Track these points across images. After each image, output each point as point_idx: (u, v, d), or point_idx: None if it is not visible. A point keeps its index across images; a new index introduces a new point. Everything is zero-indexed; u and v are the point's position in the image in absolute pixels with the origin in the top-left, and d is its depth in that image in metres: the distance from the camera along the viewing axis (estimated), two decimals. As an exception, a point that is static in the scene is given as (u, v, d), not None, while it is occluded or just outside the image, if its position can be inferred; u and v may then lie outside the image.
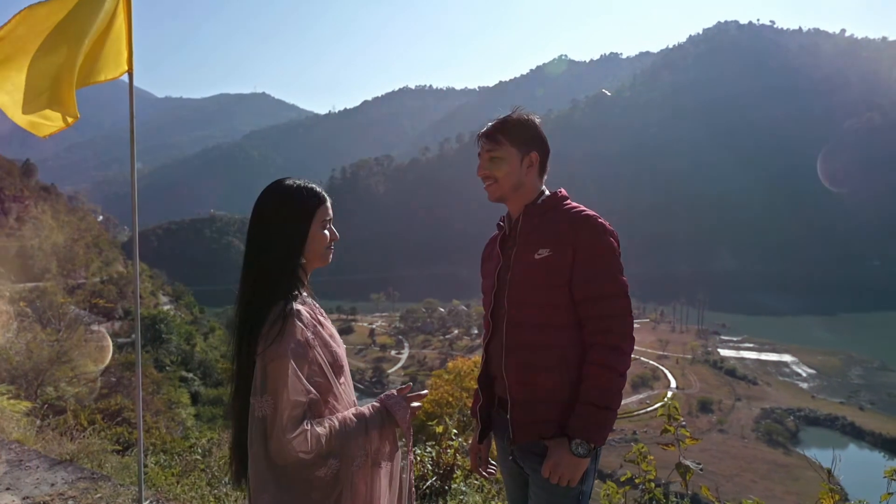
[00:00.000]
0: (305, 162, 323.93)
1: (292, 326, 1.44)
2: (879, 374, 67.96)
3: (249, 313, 1.48)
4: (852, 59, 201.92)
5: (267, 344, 1.42)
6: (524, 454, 1.83)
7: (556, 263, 1.77)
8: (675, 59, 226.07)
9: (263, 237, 1.53)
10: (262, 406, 1.41)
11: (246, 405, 1.46)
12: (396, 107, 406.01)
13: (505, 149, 1.89)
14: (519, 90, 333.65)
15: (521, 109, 1.96)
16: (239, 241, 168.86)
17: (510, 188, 1.90)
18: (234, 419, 1.54)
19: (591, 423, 1.71)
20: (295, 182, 1.59)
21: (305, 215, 1.56)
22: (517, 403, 1.81)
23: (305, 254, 1.56)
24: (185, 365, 28.21)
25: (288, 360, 1.41)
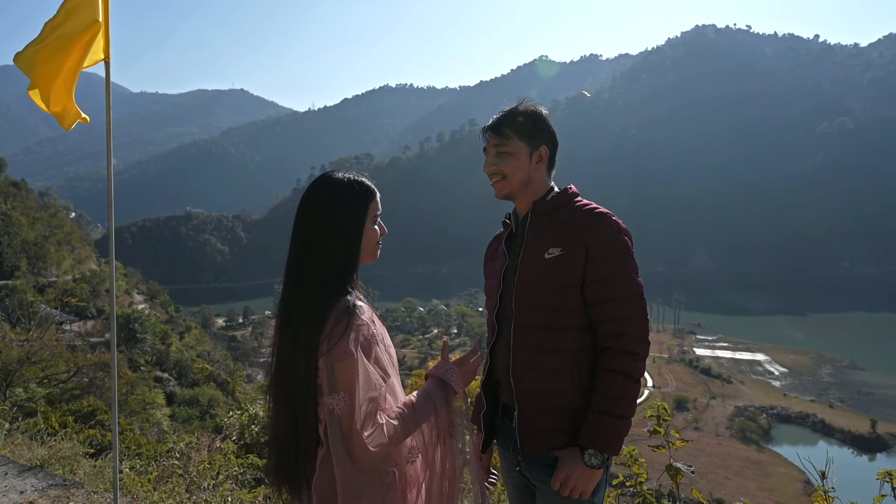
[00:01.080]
0: (285, 159, 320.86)
1: (357, 323, 1.40)
2: (849, 372, 69.53)
3: (307, 310, 1.42)
4: (826, 65, 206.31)
5: (332, 342, 1.38)
6: (532, 465, 1.74)
7: (567, 263, 1.70)
8: (654, 61, 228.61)
9: (318, 232, 1.47)
10: (337, 404, 1.38)
11: (293, 401, 1.41)
12: (377, 105, 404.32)
13: (513, 143, 1.80)
14: (500, 90, 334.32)
15: (528, 101, 1.86)
16: (216, 240, 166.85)
17: (519, 184, 1.81)
18: (283, 415, 1.45)
19: (605, 433, 1.63)
20: (346, 175, 1.54)
21: (361, 210, 1.51)
22: (525, 410, 1.73)
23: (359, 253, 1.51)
24: (160, 365, 27.72)
25: (357, 357, 1.37)
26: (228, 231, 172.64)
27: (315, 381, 1.40)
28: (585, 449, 1.64)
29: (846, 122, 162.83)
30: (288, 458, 1.44)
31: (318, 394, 1.41)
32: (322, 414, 1.41)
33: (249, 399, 17.25)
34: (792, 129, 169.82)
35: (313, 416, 1.41)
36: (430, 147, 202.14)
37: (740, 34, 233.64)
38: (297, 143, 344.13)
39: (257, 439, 4.50)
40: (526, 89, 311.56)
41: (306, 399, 1.40)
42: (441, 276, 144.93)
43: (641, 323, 1.69)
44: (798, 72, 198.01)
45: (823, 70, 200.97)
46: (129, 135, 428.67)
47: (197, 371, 29.08)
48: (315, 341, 1.39)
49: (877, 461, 42.52)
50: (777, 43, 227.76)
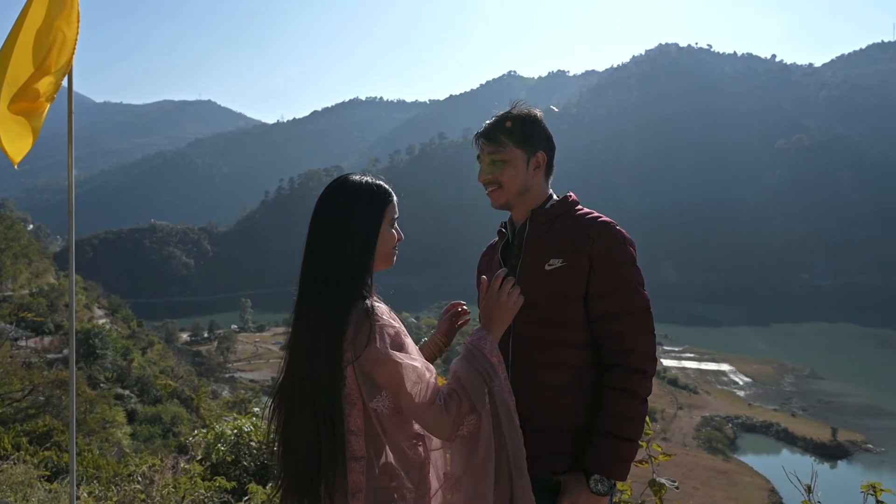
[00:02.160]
0: (253, 171, 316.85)
1: (380, 324, 1.37)
2: (809, 381, 71.36)
3: (324, 317, 1.38)
4: (783, 84, 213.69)
5: (359, 351, 1.35)
6: (532, 491, 1.59)
7: (570, 275, 1.60)
8: (620, 78, 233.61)
9: (334, 236, 1.43)
10: (385, 405, 1.36)
11: (313, 411, 1.37)
12: (347, 117, 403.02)
13: (509, 150, 1.71)
14: (469, 104, 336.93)
15: (522, 104, 1.77)
16: (181, 252, 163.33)
17: (516, 193, 1.72)
18: (300, 426, 1.40)
19: (612, 457, 1.53)
20: (363, 178, 1.50)
21: (377, 213, 1.47)
22: (524, 432, 1.56)
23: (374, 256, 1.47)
24: (122, 382, 26.86)
25: (393, 358, 1.34)
26: (194, 244, 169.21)
27: (339, 391, 1.37)
28: (591, 474, 1.54)
29: (803, 138, 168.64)
30: (308, 469, 1.39)
31: (348, 404, 1.38)
32: (356, 424, 1.37)
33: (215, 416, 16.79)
34: (752, 145, 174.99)
35: (339, 426, 1.37)
36: (401, 160, 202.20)
37: (702, 53, 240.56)
38: (266, 155, 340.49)
39: (224, 459, 4.35)
40: (495, 104, 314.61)
41: (328, 409, 1.36)
42: (411, 288, 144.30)
43: (649, 338, 1.60)
44: (757, 90, 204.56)
45: (781, 89, 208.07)
46: (92, 145, 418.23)
47: (160, 387, 28.26)
48: (336, 349, 1.36)
49: (838, 469, 43.62)
50: (736, 62, 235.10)
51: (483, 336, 1.51)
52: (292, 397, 1.43)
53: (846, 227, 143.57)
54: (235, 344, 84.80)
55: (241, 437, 4.56)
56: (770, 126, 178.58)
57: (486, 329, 1.54)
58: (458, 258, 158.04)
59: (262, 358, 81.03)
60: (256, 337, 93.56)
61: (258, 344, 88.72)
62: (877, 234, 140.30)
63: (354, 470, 1.38)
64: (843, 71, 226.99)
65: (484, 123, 1.79)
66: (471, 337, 1.55)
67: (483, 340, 1.49)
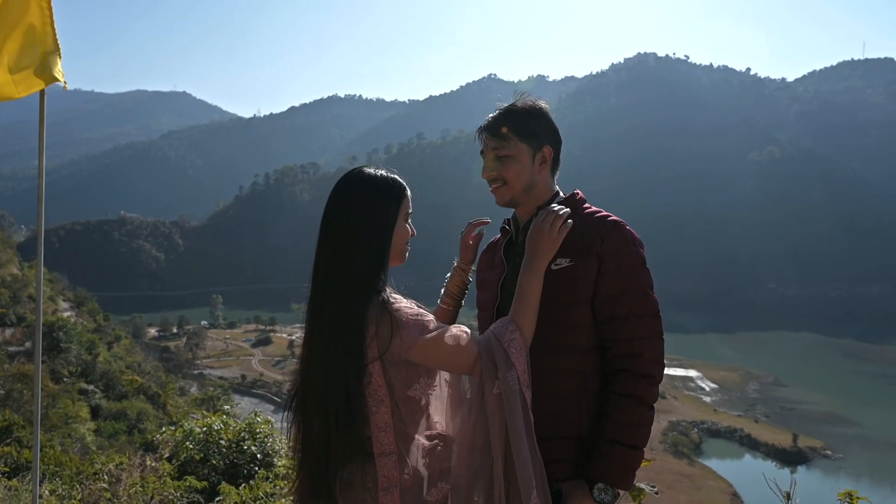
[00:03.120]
0: (228, 165, 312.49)
1: (397, 309, 1.36)
2: (773, 388, 73.04)
3: (341, 314, 1.36)
4: (756, 97, 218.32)
5: (384, 345, 1.34)
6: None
7: (577, 275, 1.55)
8: (599, 85, 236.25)
9: (349, 232, 1.41)
10: (420, 392, 1.38)
11: (325, 411, 1.36)
12: (325, 114, 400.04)
13: (514, 145, 1.64)
14: (449, 105, 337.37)
15: (526, 96, 1.70)
16: (151, 246, 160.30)
17: (521, 190, 1.66)
18: (316, 425, 1.40)
19: (618, 465, 1.49)
20: (377, 171, 1.48)
21: (393, 207, 1.45)
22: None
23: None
24: (86, 376, 26.27)
25: (421, 339, 1.35)
26: (165, 237, 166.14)
27: (360, 388, 1.35)
28: (595, 483, 1.49)
29: (774, 151, 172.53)
30: (321, 470, 1.39)
31: (375, 401, 1.36)
32: (383, 420, 1.36)
33: (182, 413, 16.52)
34: (725, 156, 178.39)
35: (357, 425, 1.36)
36: (378, 159, 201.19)
37: (679, 63, 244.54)
38: (241, 149, 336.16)
39: (192, 457, 4.29)
40: (475, 106, 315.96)
41: (342, 408, 1.35)
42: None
43: (658, 343, 1.55)
44: (731, 101, 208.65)
45: (754, 101, 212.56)
46: (61, 133, 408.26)
47: (126, 383, 27.73)
48: (356, 346, 1.34)
49: (798, 474, 44.73)
50: (712, 73, 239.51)
51: (506, 325, 1.49)
52: (305, 398, 1.42)
53: (813, 239, 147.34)
54: (205, 340, 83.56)
55: (210, 435, 4.50)
56: (743, 138, 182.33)
57: (529, 263, 1.53)
58: (436, 259, 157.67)
59: (231, 355, 80.00)
60: (227, 334, 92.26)
61: (228, 341, 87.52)
62: (842, 246, 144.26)
63: (386, 465, 1.37)
64: (815, 86, 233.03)
65: (487, 117, 1.71)
66: (495, 325, 1.52)
67: (504, 329, 1.47)
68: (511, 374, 1.41)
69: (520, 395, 1.41)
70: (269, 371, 72.64)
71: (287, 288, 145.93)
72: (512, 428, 1.40)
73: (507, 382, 1.41)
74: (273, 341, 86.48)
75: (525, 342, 1.47)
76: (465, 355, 1.40)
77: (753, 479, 41.58)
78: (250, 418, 4.80)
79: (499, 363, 1.42)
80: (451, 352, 1.38)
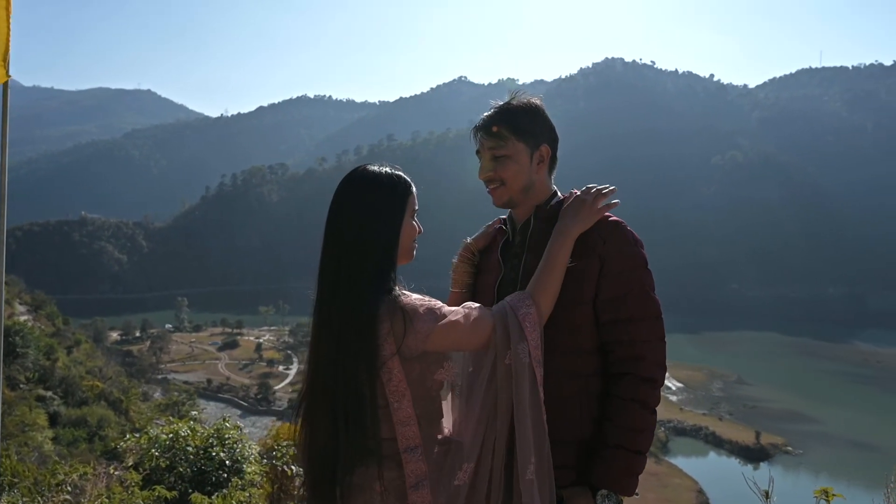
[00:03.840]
0: (194, 165, 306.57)
1: (412, 305, 1.35)
2: (737, 387, 74.85)
3: (352, 314, 1.34)
4: (719, 103, 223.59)
5: (399, 339, 1.32)
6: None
7: (579, 276, 1.52)
8: (567, 89, 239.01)
9: (356, 232, 1.38)
10: (447, 374, 1.38)
11: (335, 414, 1.34)
12: (293, 114, 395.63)
13: (511, 144, 1.60)
14: (420, 107, 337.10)
15: (522, 93, 1.68)
16: (113, 247, 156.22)
17: (519, 190, 1.63)
18: (324, 429, 1.38)
19: (622, 471, 1.45)
20: (382, 168, 1.46)
21: (400, 205, 1.43)
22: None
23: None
24: (44, 382, 25.39)
25: (437, 327, 1.33)
26: (128, 238, 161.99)
27: (372, 388, 1.33)
28: (598, 490, 1.46)
29: (737, 155, 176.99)
30: (328, 473, 1.37)
31: (396, 397, 1.34)
32: (406, 413, 1.34)
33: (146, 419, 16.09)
34: (690, 161, 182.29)
35: (368, 427, 1.34)
36: (348, 160, 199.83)
37: (645, 69, 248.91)
38: (208, 149, 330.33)
39: (158, 465, 4.15)
40: (445, 108, 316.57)
41: (354, 410, 1.33)
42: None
43: (660, 346, 1.54)
44: (696, 107, 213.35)
45: (717, 107, 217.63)
46: (18, 131, 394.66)
47: (86, 389, 26.90)
48: (368, 347, 1.31)
49: (760, 470, 45.86)
50: (677, 79, 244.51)
51: (523, 298, 1.47)
52: (314, 402, 1.40)
53: (774, 241, 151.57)
54: (169, 344, 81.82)
55: (177, 441, 4.37)
56: (707, 143, 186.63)
57: (562, 228, 1.53)
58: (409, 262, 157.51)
59: (197, 359, 78.45)
60: (192, 337, 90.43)
61: (194, 344, 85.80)
62: (802, 248, 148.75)
63: (412, 460, 1.35)
64: (774, 93, 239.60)
65: (482, 116, 1.67)
66: (511, 296, 1.49)
67: (521, 303, 1.46)
68: (522, 346, 1.40)
69: (529, 370, 1.40)
70: (236, 375, 71.43)
71: (255, 290, 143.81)
72: (517, 399, 1.38)
73: (518, 355, 1.39)
74: (240, 344, 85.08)
75: (540, 318, 1.45)
76: (482, 329, 1.39)
77: (718, 477, 42.61)
78: (219, 424, 4.68)
79: (512, 334, 1.40)
80: (468, 331, 1.37)
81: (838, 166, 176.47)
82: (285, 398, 60.62)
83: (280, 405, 59.33)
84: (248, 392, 63.97)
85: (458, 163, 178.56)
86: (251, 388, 64.70)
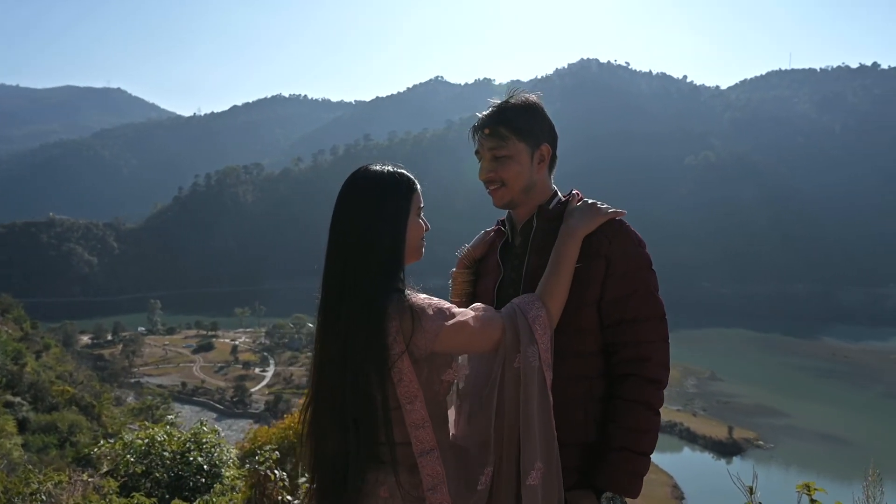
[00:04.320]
0: (166, 165, 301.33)
1: (419, 304, 1.33)
2: (710, 383, 76.16)
3: (360, 315, 1.32)
4: (692, 103, 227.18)
5: (407, 337, 1.30)
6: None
7: (585, 278, 1.50)
8: (543, 89, 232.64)
9: (361, 233, 1.37)
10: (456, 374, 1.36)
11: (342, 417, 1.32)
12: (268, 114, 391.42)
13: (511, 144, 1.57)
14: (396, 106, 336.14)
15: (520, 92, 1.65)
16: (83, 249, 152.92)
17: (521, 191, 1.60)
18: (332, 433, 1.35)
19: (627, 473, 1.44)
20: (384, 167, 1.45)
21: (405, 200, 1.42)
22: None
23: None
24: (12, 388, 24.74)
25: (446, 326, 1.31)
26: (98, 240, 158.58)
27: (382, 389, 1.30)
28: (602, 492, 1.45)
29: (709, 155, 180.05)
30: (337, 478, 1.34)
31: (408, 399, 1.31)
32: (419, 416, 1.31)
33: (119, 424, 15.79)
34: (664, 161, 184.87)
35: (379, 430, 1.31)
36: (325, 160, 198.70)
37: (620, 69, 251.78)
38: (181, 148, 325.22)
39: (134, 471, 4.08)
40: (422, 107, 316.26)
41: (365, 415, 1.31)
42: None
43: (664, 347, 1.52)
44: (669, 108, 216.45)
45: (690, 108, 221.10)
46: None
47: (56, 394, 26.27)
48: (376, 350, 1.29)
49: (733, 464, 46.72)
50: (652, 80, 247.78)
51: (532, 301, 1.45)
52: (320, 408, 1.38)
53: (745, 240, 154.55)
54: (142, 347, 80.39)
55: (153, 446, 4.30)
56: (680, 143, 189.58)
57: (569, 229, 1.52)
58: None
59: (171, 362, 77.22)
60: (166, 340, 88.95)
61: (168, 347, 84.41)
62: (773, 246, 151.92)
63: (428, 463, 1.32)
64: (746, 94, 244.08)
65: (480, 115, 1.64)
66: (521, 298, 1.47)
67: (531, 305, 1.43)
68: (532, 349, 1.38)
69: (539, 374, 1.38)
70: (212, 378, 70.44)
71: (230, 291, 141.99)
72: (524, 403, 1.36)
73: (528, 358, 1.37)
74: (215, 347, 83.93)
75: (551, 322, 1.43)
76: (492, 331, 1.37)
77: (694, 472, 43.30)
78: (196, 428, 4.61)
79: (522, 337, 1.38)
80: (477, 333, 1.35)
81: (808, 166, 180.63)
82: (262, 400, 59.97)
83: (257, 407, 58.66)
84: (224, 395, 63.13)
85: (436, 164, 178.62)
86: (227, 391, 63.88)
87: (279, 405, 54.34)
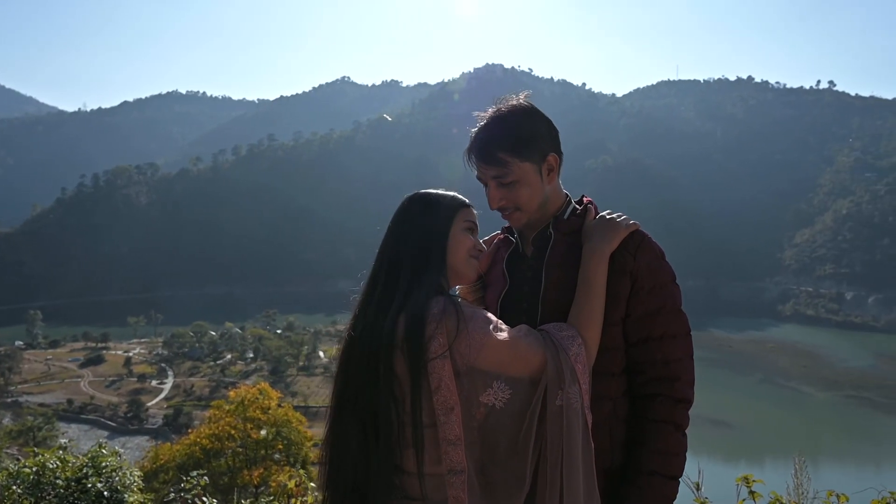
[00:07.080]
0: (47, 165, 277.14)
1: (468, 310, 1.27)
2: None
3: (395, 300, 1.28)
4: (591, 110, 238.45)
5: (451, 338, 1.22)
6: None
7: (611, 297, 1.41)
8: (450, 92, 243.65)
9: (398, 233, 1.38)
10: (496, 398, 1.24)
11: (365, 425, 1.26)
12: (164, 111, 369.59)
13: (515, 168, 1.46)
14: (301, 106, 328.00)
15: (507, 100, 1.53)
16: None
17: (536, 209, 1.52)
18: (353, 441, 1.29)
19: (657, 498, 1.36)
20: (437, 189, 1.47)
21: (447, 211, 1.40)
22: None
23: (447, 260, 1.36)
24: None
25: (492, 337, 1.25)
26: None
27: (414, 399, 1.24)
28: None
29: (607, 159, 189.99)
30: (355, 490, 1.28)
31: (444, 411, 1.23)
32: (454, 433, 1.23)
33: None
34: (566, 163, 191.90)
35: (414, 457, 1.25)
36: (226, 160, 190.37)
37: (524, 75, 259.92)
38: (64, 146, 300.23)
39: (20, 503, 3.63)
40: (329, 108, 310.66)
41: (388, 422, 1.25)
42: (235, 296, 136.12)
43: (691, 364, 1.45)
44: (570, 114, 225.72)
45: (589, 114, 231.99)
46: None
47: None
48: (413, 352, 1.23)
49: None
50: (553, 87, 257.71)
51: (572, 337, 1.35)
52: (342, 415, 1.32)
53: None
54: (20, 363, 73.46)
55: (43, 475, 3.85)
56: (581, 147, 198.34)
57: (593, 247, 1.44)
58: (289, 265, 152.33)
59: (55, 378, 71.06)
60: (48, 354, 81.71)
61: (50, 362, 77.57)
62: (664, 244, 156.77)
63: (454, 485, 1.24)
64: (639, 102, 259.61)
65: (471, 132, 1.53)
66: (556, 329, 1.37)
67: (571, 342, 1.34)
68: (574, 389, 1.30)
69: (581, 416, 1.30)
70: (102, 393, 65.52)
71: (123, 300, 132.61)
72: (568, 446, 1.27)
73: (570, 399, 1.29)
74: (106, 359, 78.12)
75: (590, 360, 1.37)
76: (533, 357, 1.28)
77: (700, 478, 45.08)
78: (94, 451, 4.18)
79: (565, 373, 1.29)
80: (521, 353, 1.27)
81: (692, 168, 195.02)
82: (160, 415, 56.53)
83: (154, 422, 55.22)
84: (117, 411, 58.92)
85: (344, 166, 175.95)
86: (120, 407, 59.66)
87: (180, 419, 51.46)
